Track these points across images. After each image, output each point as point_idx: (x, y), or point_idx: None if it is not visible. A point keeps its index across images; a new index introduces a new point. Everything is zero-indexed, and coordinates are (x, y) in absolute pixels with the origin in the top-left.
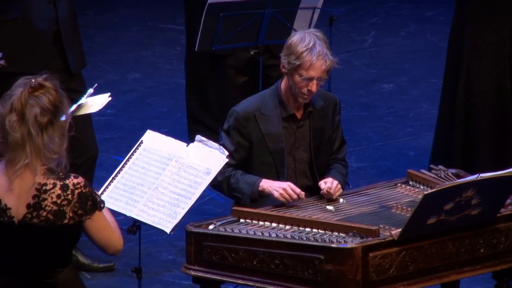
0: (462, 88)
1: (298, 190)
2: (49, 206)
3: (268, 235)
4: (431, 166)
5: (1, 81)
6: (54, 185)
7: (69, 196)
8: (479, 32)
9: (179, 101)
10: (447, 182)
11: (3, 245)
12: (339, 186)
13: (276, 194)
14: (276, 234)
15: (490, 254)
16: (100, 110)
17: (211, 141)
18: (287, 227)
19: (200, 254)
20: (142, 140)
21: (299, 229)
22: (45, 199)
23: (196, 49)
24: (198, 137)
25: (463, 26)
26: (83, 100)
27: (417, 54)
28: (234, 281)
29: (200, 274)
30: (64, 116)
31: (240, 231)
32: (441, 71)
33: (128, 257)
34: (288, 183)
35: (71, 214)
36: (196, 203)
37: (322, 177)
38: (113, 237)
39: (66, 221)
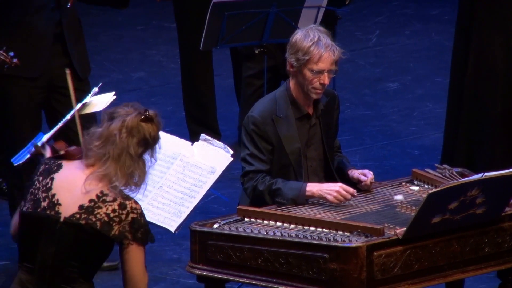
0: (468, 86)
1: (351, 189)
2: (100, 214)
3: (272, 234)
4: (436, 165)
5: (2, 82)
6: (114, 200)
7: (123, 216)
8: (486, 31)
9: None
10: (452, 181)
11: (39, 239)
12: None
13: (330, 197)
14: (281, 233)
15: (494, 253)
16: (105, 109)
17: (215, 140)
18: (292, 226)
19: (205, 253)
20: None
21: (304, 228)
22: (100, 207)
23: (201, 48)
24: (202, 136)
25: (469, 24)
26: (87, 99)
27: (421, 53)
28: (238, 280)
29: (204, 273)
30: (152, 157)
31: (244, 230)
32: (446, 70)
33: None
34: (340, 184)
35: (117, 232)
36: (200, 202)
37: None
38: (143, 279)
39: (110, 235)
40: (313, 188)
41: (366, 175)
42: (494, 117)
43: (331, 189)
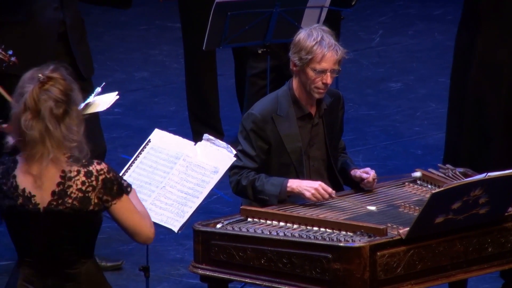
0: (471, 86)
1: (329, 189)
2: (74, 193)
3: (275, 234)
4: (439, 165)
5: (6, 82)
6: (78, 172)
7: (94, 183)
8: (489, 35)
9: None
10: (455, 181)
11: (28, 234)
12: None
13: (307, 194)
14: (284, 233)
15: (498, 253)
16: (108, 109)
17: (218, 140)
18: (295, 226)
19: (208, 253)
20: (149, 139)
21: (307, 228)
22: (70, 186)
23: (204, 48)
24: (205, 136)
25: (471, 27)
26: (90, 99)
27: (424, 53)
28: (241, 280)
29: (207, 273)
30: (78, 103)
31: (247, 230)
32: (449, 70)
33: (135, 256)
34: (319, 182)
35: (96, 200)
36: (203, 202)
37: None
38: (143, 223)
39: (91, 207)
40: (293, 184)
41: (368, 173)
42: (500, 116)
43: (310, 186)
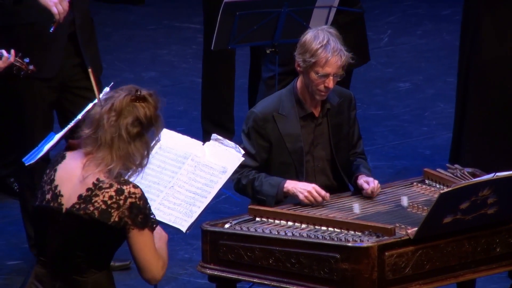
0: (476, 86)
1: (323, 192)
2: (98, 203)
3: (284, 234)
4: (448, 165)
5: (15, 83)
6: (111, 186)
7: (121, 202)
8: (488, 33)
9: (195, 100)
10: (463, 181)
11: (47, 232)
12: (379, 186)
13: (301, 196)
14: (292, 233)
15: (506, 253)
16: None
17: (227, 140)
18: (303, 225)
19: (216, 253)
20: (158, 139)
21: (315, 228)
22: (97, 195)
23: (212, 48)
24: (214, 135)
25: (474, 23)
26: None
27: (433, 53)
28: (249, 279)
29: (216, 272)
30: (155, 137)
31: (256, 230)
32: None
33: None
34: (313, 185)
35: (116, 219)
36: (212, 202)
37: (346, 173)
38: (155, 264)
39: (109, 223)
40: (289, 185)
41: (369, 183)
42: (507, 116)
43: (304, 189)
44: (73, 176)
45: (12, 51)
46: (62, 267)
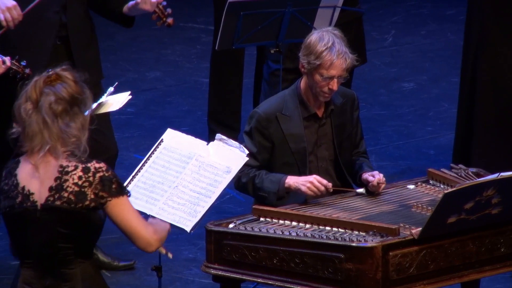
0: (484, 88)
1: (325, 181)
2: (70, 187)
3: (288, 233)
4: (452, 165)
5: (2, 84)
6: (76, 167)
7: (91, 178)
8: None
9: (200, 99)
10: (468, 181)
11: (26, 232)
12: (384, 179)
13: (303, 188)
14: (296, 232)
15: (510, 253)
16: (121, 109)
17: (231, 140)
18: (307, 225)
19: (220, 253)
20: (162, 139)
21: (319, 228)
22: (66, 180)
23: (216, 48)
24: (218, 135)
25: (479, 23)
26: (103, 99)
27: (437, 53)
28: (254, 279)
29: (220, 272)
30: (86, 110)
31: (260, 230)
32: None
33: (148, 256)
34: (314, 175)
35: (92, 196)
36: (216, 202)
37: (349, 173)
38: (142, 227)
39: (87, 202)
40: (290, 180)
41: (374, 176)
42: (510, 118)
43: (305, 180)
44: (35, 174)
45: (8, 57)
46: (49, 264)
